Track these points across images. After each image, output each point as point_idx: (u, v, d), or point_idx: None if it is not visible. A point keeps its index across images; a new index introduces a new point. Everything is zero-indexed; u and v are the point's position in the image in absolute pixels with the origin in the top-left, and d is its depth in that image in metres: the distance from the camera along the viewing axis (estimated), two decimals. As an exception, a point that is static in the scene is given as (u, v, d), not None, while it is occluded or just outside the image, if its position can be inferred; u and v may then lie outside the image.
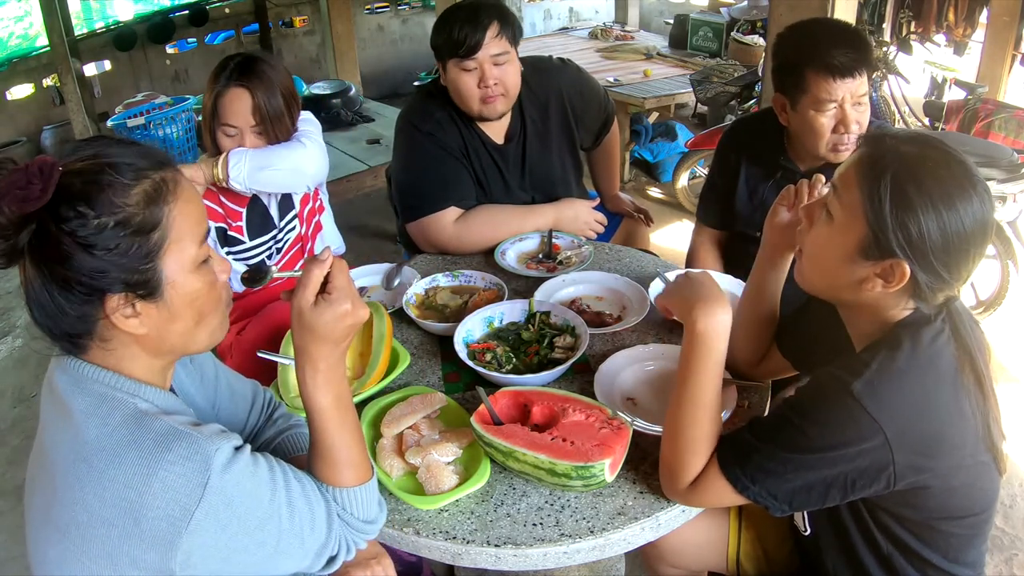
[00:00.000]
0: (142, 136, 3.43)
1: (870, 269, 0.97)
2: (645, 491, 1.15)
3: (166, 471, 0.78)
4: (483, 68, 1.79)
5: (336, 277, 0.92)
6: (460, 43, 1.76)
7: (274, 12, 6.80)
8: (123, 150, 0.84)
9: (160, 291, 0.85)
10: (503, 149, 1.99)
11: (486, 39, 1.76)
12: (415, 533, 1.10)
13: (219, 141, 1.79)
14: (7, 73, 5.58)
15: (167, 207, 0.84)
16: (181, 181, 0.88)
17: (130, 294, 0.83)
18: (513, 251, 1.91)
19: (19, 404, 2.99)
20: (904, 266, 0.94)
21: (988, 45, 4.63)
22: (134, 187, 0.82)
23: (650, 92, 4.50)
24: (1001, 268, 2.95)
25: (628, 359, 1.44)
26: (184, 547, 0.78)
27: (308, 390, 0.93)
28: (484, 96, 1.82)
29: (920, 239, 0.92)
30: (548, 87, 2.02)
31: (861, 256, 0.97)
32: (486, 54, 1.78)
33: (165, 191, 0.85)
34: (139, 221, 0.82)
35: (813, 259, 1.06)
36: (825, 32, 1.63)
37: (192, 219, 0.87)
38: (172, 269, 0.85)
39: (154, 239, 0.83)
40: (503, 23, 1.79)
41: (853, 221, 0.97)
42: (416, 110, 1.97)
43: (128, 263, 0.82)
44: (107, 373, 0.86)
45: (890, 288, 0.96)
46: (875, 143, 0.98)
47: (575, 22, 7.92)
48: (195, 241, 0.88)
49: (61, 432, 0.84)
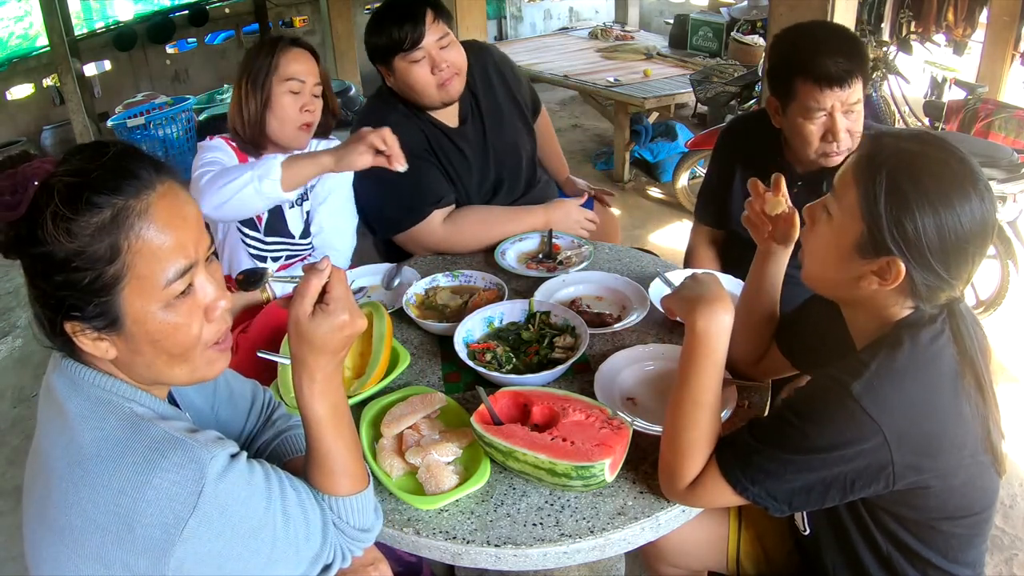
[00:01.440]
0: (142, 136, 3.43)
1: (867, 267, 0.97)
2: (645, 491, 1.15)
3: (160, 478, 0.78)
4: (431, 55, 1.80)
5: (334, 287, 0.91)
6: (403, 39, 1.78)
7: (274, 12, 6.81)
8: (97, 168, 0.78)
9: (120, 326, 0.81)
10: (461, 131, 2.00)
11: (427, 27, 1.78)
12: (415, 533, 1.10)
13: (278, 99, 1.73)
14: (7, 73, 5.58)
15: (127, 240, 0.78)
16: (155, 208, 0.80)
17: (86, 324, 0.80)
18: (513, 251, 1.91)
19: (19, 404, 2.99)
20: (899, 264, 0.94)
21: (988, 45, 4.64)
22: (83, 218, 0.76)
23: (650, 92, 4.50)
24: (1001, 268, 2.95)
25: (628, 359, 1.44)
26: (177, 554, 0.78)
27: (305, 399, 0.93)
28: (440, 81, 1.83)
29: (916, 237, 0.92)
30: (484, 63, 2.06)
31: (858, 254, 0.98)
32: (430, 40, 1.79)
33: (126, 222, 0.78)
34: (89, 255, 0.77)
35: (814, 257, 1.07)
36: (817, 38, 1.60)
37: (164, 251, 0.80)
38: (134, 306, 0.80)
39: (110, 273, 0.78)
40: (435, 8, 1.81)
41: (850, 219, 0.97)
42: (370, 117, 1.93)
43: (79, 295, 0.78)
44: (103, 377, 0.85)
45: (886, 286, 0.96)
46: (876, 141, 0.98)
47: (575, 22, 7.93)
48: (166, 276, 0.81)
49: (57, 435, 0.84)
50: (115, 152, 0.81)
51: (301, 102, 1.74)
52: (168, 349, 0.84)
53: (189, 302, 0.84)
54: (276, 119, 1.74)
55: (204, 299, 0.86)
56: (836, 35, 1.63)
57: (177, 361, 0.86)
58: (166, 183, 0.83)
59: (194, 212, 0.86)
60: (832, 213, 1.01)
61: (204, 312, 0.86)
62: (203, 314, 0.86)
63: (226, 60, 6.72)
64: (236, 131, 1.78)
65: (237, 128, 1.77)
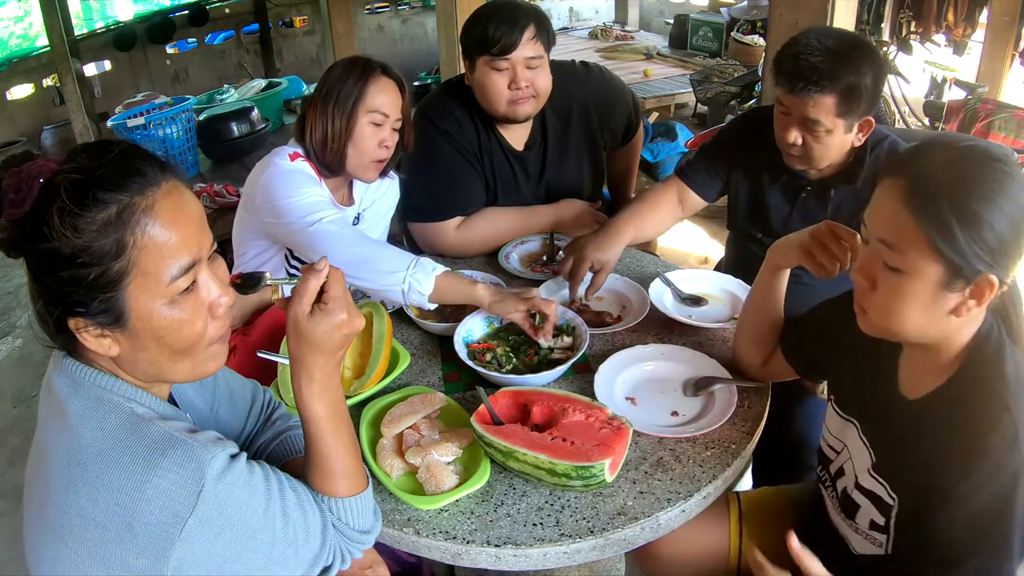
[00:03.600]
0: (142, 136, 3.43)
1: (960, 296, 0.91)
2: (645, 491, 1.15)
3: (160, 478, 0.78)
4: (515, 70, 1.74)
5: (332, 287, 0.91)
6: (495, 42, 1.71)
7: (274, 12, 6.80)
8: (102, 166, 0.79)
9: (124, 321, 0.81)
10: (522, 156, 1.96)
11: (522, 40, 1.72)
12: (415, 533, 1.10)
13: (360, 129, 1.65)
14: (7, 73, 5.58)
15: (132, 236, 0.78)
16: (160, 205, 0.80)
17: (90, 320, 0.80)
18: (516, 254, 1.91)
19: (19, 404, 3.00)
20: (991, 277, 0.89)
21: (988, 45, 4.64)
22: (90, 214, 0.77)
23: (650, 92, 4.51)
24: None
25: (628, 359, 1.44)
26: (177, 554, 0.78)
27: (304, 400, 0.93)
28: (513, 98, 1.77)
29: (998, 242, 0.87)
30: (572, 96, 1.98)
31: (946, 290, 0.91)
32: (520, 55, 1.73)
33: (131, 218, 0.78)
34: (95, 251, 0.77)
35: (891, 315, 0.96)
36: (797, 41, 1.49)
37: (169, 248, 0.81)
38: (139, 301, 0.80)
39: (115, 269, 0.78)
40: (540, 27, 1.75)
41: (925, 264, 0.90)
42: (435, 105, 1.93)
43: (84, 291, 0.78)
44: (104, 376, 0.85)
45: (983, 303, 0.91)
46: (898, 172, 0.91)
47: (575, 22, 7.92)
48: (170, 272, 0.81)
49: (57, 434, 0.84)
50: (120, 150, 0.82)
51: (380, 136, 1.67)
52: (172, 345, 0.84)
53: (193, 299, 0.84)
54: (355, 149, 1.66)
55: (208, 296, 0.86)
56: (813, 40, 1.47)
57: (180, 357, 0.86)
58: (170, 181, 0.83)
59: (197, 210, 0.86)
60: (898, 267, 0.92)
61: (208, 309, 0.87)
62: (207, 311, 0.87)
63: (226, 60, 6.72)
64: (315, 152, 1.67)
65: (316, 149, 1.66)
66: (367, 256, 1.51)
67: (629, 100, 2.19)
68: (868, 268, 0.97)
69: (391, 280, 1.49)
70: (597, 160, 2.11)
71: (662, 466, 1.19)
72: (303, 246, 1.58)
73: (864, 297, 0.99)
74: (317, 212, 1.55)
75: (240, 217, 1.80)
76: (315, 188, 1.63)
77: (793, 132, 1.51)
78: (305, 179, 1.63)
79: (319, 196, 1.61)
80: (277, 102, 4.50)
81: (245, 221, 1.77)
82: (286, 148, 1.69)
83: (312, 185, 1.63)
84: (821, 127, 1.47)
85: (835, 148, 1.53)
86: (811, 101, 1.45)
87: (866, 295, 0.99)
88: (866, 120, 1.51)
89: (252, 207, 1.69)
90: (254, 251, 1.79)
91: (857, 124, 1.51)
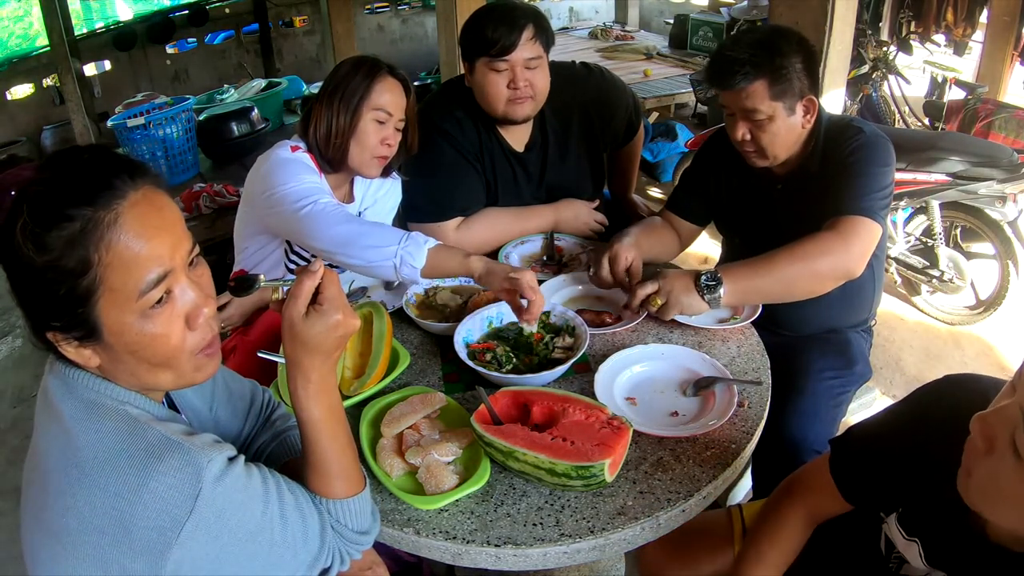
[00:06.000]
0: (142, 136, 3.42)
1: None
2: (645, 491, 1.15)
3: (157, 481, 0.78)
4: (514, 71, 1.74)
5: (327, 288, 0.91)
6: (493, 43, 1.71)
7: (274, 12, 6.80)
8: (68, 178, 0.77)
9: (99, 336, 0.80)
10: (522, 157, 1.96)
11: (521, 41, 1.71)
12: (415, 533, 1.10)
13: (363, 125, 1.67)
14: (7, 73, 5.58)
15: (97, 253, 0.76)
16: (126, 217, 0.77)
17: (65, 334, 0.80)
18: (516, 254, 1.91)
19: (19, 404, 3.00)
20: None
21: (988, 45, 4.64)
22: (53, 232, 0.75)
23: (650, 92, 4.50)
24: (1001, 268, 2.95)
25: (628, 359, 1.44)
26: (174, 558, 0.78)
27: (300, 401, 0.93)
28: (512, 97, 1.77)
29: None
30: (572, 97, 1.99)
31: None
32: (519, 56, 1.73)
33: (95, 234, 0.76)
34: (60, 268, 0.76)
35: (999, 498, 0.82)
36: (722, 45, 1.60)
37: (138, 262, 0.78)
38: (110, 317, 0.79)
39: (82, 286, 0.77)
40: (538, 27, 1.75)
41: None
42: (436, 106, 1.93)
43: (56, 306, 0.78)
44: (96, 380, 0.85)
45: None
46: None
47: (575, 22, 7.92)
48: (139, 287, 0.79)
49: (53, 437, 0.84)
50: (87, 160, 0.80)
51: (383, 134, 1.68)
52: (148, 359, 0.83)
53: (167, 310, 0.82)
54: (357, 144, 1.68)
55: (184, 306, 0.84)
56: (740, 36, 1.60)
57: (159, 369, 0.85)
58: (140, 189, 0.80)
59: (171, 217, 0.84)
60: None
61: (186, 319, 0.84)
62: (184, 322, 0.84)
63: (226, 60, 6.72)
64: (317, 145, 1.69)
65: (319, 143, 1.68)
66: (357, 232, 1.51)
67: (629, 101, 2.19)
68: (991, 441, 0.81)
69: (382, 255, 1.49)
70: (597, 161, 2.11)
71: (662, 466, 1.19)
72: (297, 232, 1.58)
73: (974, 463, 0.84)
74: (311, 196, 1.56)
75: (241, 212, 1.81)
76: (312, 176, 1.64)
77: (740, 128, 1.58)
78: (302, 168, 1.65)
79: (315, 184, 1.62)
80: (277, 102, 4.49)
81: (245, 215, 1.78)
82: (288, 142, 1.71)
83: (309, 174, 1.64)
84: (761, 115, 1.54)
85: (783, 135, 1.58)
86: (743, 93, 1.53)
87: (976, 458, 0.83)
88: (808, 99, 1.56)
89: (251, 199, 1.70)
90: (255, 246, 1.79)
91: (800, 105, 1.56)
